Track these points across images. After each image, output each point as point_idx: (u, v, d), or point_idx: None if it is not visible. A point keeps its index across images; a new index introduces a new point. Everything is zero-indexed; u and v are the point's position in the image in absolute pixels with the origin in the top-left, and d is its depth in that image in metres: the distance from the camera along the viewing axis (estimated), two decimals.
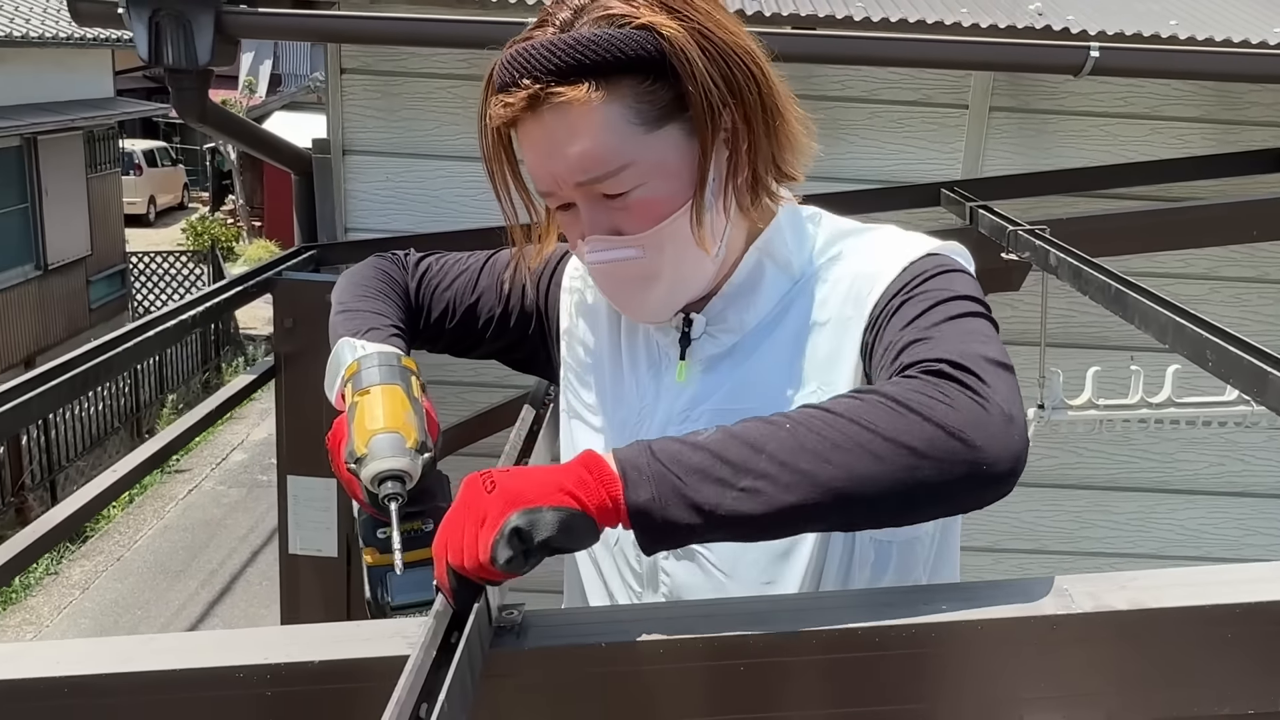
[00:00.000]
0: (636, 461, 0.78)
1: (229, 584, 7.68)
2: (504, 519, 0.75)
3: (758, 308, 1.03)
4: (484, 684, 0.77)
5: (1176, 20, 2.77)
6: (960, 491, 0.78)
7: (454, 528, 0.78)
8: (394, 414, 0.95)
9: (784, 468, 0.76)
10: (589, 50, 0.89)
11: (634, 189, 0.94)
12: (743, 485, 0.76)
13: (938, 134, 2.95)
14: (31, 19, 11.03)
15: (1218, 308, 2.97)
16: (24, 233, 11.42)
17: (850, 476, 0.76)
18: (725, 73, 0.92)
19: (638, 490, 0.76)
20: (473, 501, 0.77)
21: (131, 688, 0.80)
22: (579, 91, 0.89)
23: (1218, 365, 1.43)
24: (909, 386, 0.80)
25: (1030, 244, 2.10)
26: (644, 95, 0.91)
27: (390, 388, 0.98)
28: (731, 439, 0.78)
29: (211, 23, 2.26)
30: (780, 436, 0.77)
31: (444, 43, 2.55)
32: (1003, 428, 0.78)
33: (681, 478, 0.76)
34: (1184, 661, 0.82)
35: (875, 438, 0.76)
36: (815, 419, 0.79)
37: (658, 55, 0.89)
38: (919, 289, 0.93)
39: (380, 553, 0.98)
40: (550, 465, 0.81)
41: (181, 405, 10.77)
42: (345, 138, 2.89)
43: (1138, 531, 3.23)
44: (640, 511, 0.76)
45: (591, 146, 0.91)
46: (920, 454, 0.76)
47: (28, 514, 8.34)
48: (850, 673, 0.82)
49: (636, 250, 0.97)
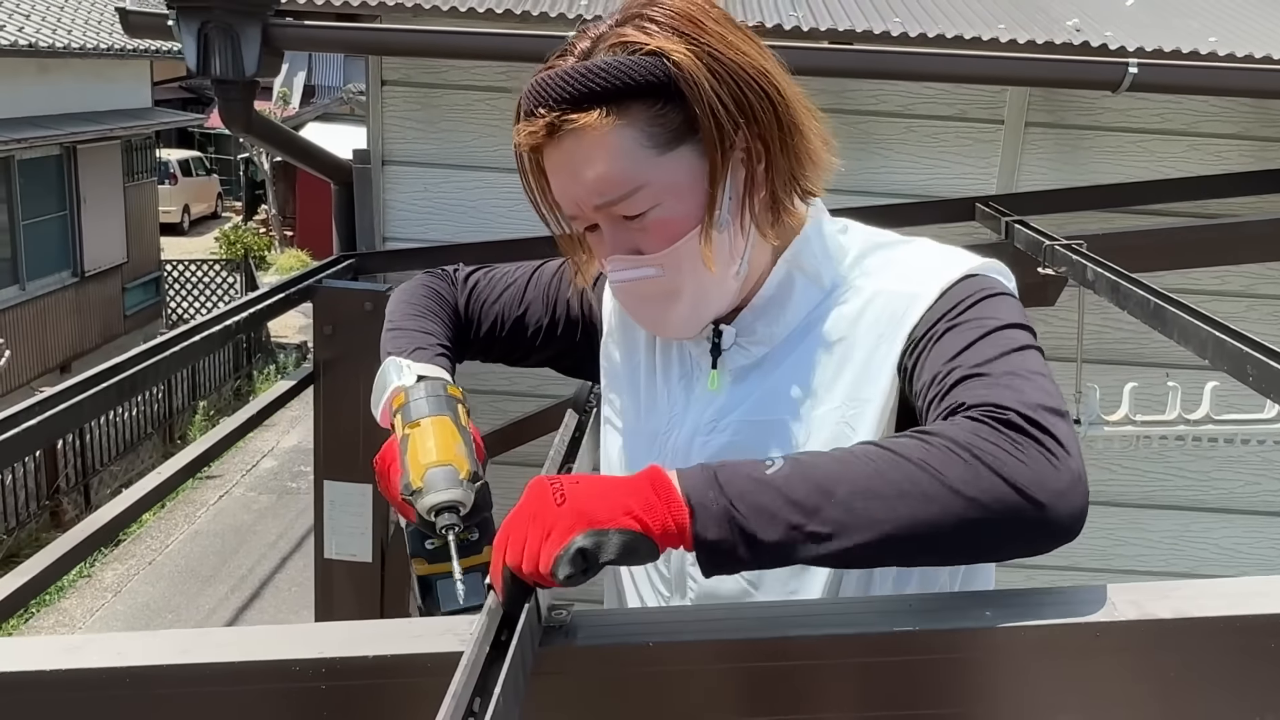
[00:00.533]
0: (704, 496, 0.78)
1: (258, 589, 7.73)
2: (571, 537, 0.76)
3: (787, 319, 1.04)
4: (533, 681, 0.78)
5: (1216, 37, 2.77)
6: (1021, 545, 0.79)
7: (517, 531, 0.79)
8: (445, 446, 0.98)
9: (852, 513, 0.77)
10: (600, 78, 0.92)
11: (650, 210, 0.96)
12: (810, 529, 0.77)
13: (973, 149, 2.95)
14: (74, 30, 11.22)
15: (1255, 325, 2.95)
16: (62, 240, 11.59)
17: (915, 525, 0.77)
18: (736, 93, 0.93)
19: (706, 527, 0.77)
20: (540, 511, 0.78)
21: (189, 679, 0.82)
22: (591, 118, 0.92)
23: (1259, 380, 1.43)
24: (978, 434, 0.79)
25: (1067, 259, 2.10)
26: (655, 119, 0.93)
27: (440, 419, 1.00)
28: (800, 478, 0.78)
29: (259, 35, 2.30)
30: (849, 479, 0.78)
31: (484, 56, 2.59)
32: (1070, 486, 0.78)
33: (750, 519, 0.77)
34: (1224, 671, 0.82)
35: (943, 488, 0.77)
36: (884, 461, 0.79)
37: (667, 80, 0.92)
38: (963, 316, 0.93)
39: (429, 563, 1.01)
40: (617, 480, 0.81)
41: (213, 412, 10.87)
42: (385, 148, 2.94)
43: (1172, 550, 3.21)
44: (708, 547, 0.78)
45: (606, 170, 0.94)
46: (986, 508, 0.77)
47: (62, 517, 8.44)
48: (890, 676, 0.83)
49: (656, 269, 0.99)
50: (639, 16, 0.95)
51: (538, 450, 2.72)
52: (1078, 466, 0.80)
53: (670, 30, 0.93)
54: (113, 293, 12.61)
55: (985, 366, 0.87)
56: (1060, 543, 0.79)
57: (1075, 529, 0.78)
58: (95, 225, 12.00)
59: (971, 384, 0.86)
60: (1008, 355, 0.88)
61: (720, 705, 0.85)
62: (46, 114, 10.85)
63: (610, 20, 0.97)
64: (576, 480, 0.81)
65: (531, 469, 1.21)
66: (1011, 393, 0.83)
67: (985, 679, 0.84)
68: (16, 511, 8.00)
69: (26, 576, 1.77)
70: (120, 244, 12.67)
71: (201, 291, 14.82)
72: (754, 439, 1.03)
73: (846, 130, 2.89)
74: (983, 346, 0.89)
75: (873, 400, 0.98)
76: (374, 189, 2.92)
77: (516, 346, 1.25)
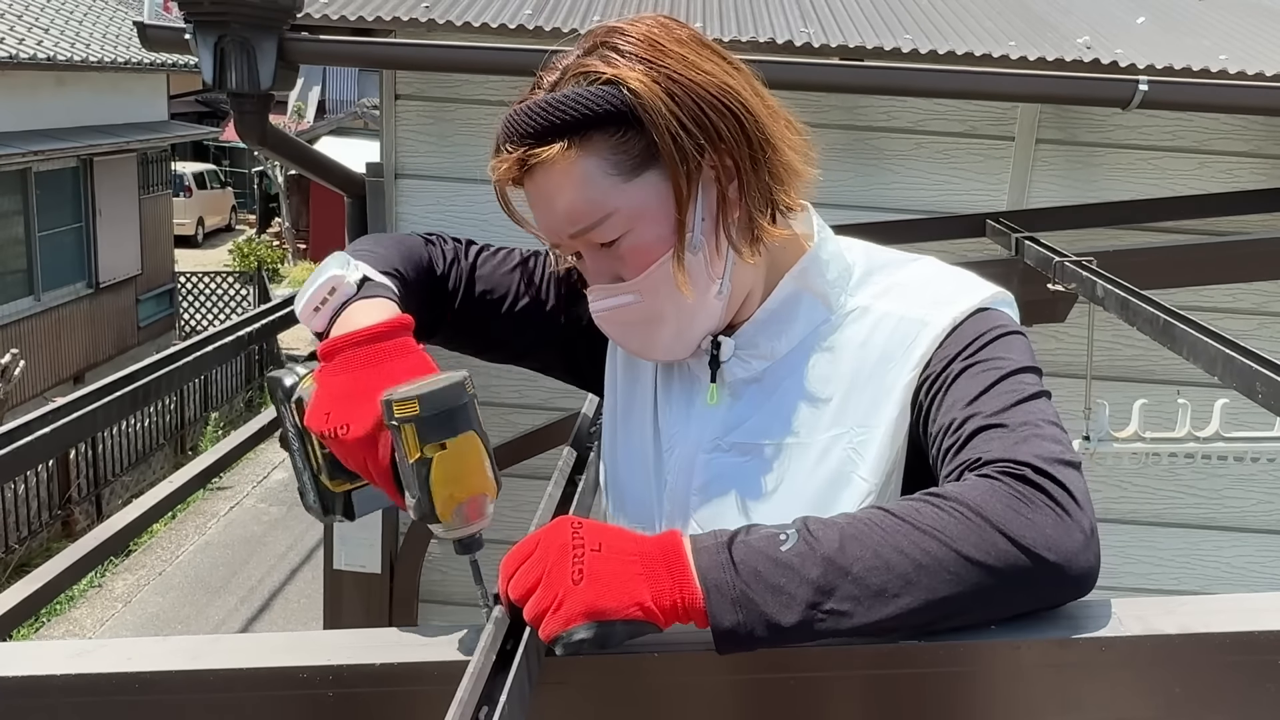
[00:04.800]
0: (719, 581, 0.77)
1: (268, 601, 7.74)
2: (575, 624, 0.76)
3: (790, 336, 1.03)
4: (539, 690, 0.79)
5: (1227, 55, 2.77)
6: (1035, 604, 0.80)
7: (528, 575, 0.79)
8: (477, 472, 0.85)
9: (868, 590, 0.77)
10: (557, 110, 0.93)
11: (622, 236, 0.96)
12: (828, 608, 0.76)
13: (984, 165, 2.95)
14: (91, 44, 11.32)
15: (1267, 343, 2.93)
16: (78, 251, 11.67)
17: (932, 597, 0.77)
18: (697, 115, 0.93)
19: (723, 616, 0.77)
20: (555, 579, 0.77)
21: (197, 685, 0.82)
22: (554, 150, 0.93)
23: (1268, 398, 1.43)
24: (992, 495, 0.79)
25: (1077, 275, 2.10)
26: (618, 146, 0.94)
27: (467, 439, 0.84)
28: (815, 555, 0.78)
29: (274, 49, 2.32)
30: (865, 556, 0.77)
31: (497, 70, 2.60)
32: (1083, 544, 0.79)
33: (765, 602, 0.77)
34: (1231, 687, 0.82)
35: (959, 558, 0.77)
36: (898, 532, 0.78)
37: (625, 107, 0.92)
38: (975, 356, 0.93)
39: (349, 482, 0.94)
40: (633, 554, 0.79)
41: (225, 423, 10.91)
42: (398, 161, 2.96)
43: (1182, 568, 3.19)
44: (724, 634, 0.77)
45: (572, 200, 0.95)
46: (1001, 575, 0.77)
47: (73, 527, 8.48)
48: (895, 689, 0.83)
49: (633, 296, 0.99)
50: (603, 45, 0.95)
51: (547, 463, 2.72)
52: (1089, 524, 0.80)
53: (632, 57, 0.93)
54: (127, 304, 12.68)
55: (1001, 416, 0.87)
56: (1073, 599, 0.80)
57: (1087, 586, 0.79)
58: (110, 237, 12.08)
59: (989, 435, 0.86)
60: (1023, 404, 0.88)
61: (725, 717, 0.86)
62: (63, 127, 10.94)
63: (577, 50, 0.97)
64: (598, 547, 0.79)
65: (540, 481, 1.20)
66: (1027, 447, 0.83)
67: (990, 693, 0.84)
68: (29, 521, 8.04)
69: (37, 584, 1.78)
70: (135, 256, 12.75)
71: (215, 304, 14.90)
72: (758, 462, 1.02)
73: (857, 146, 2.90)
74: (999, 393, 0.89)
75: (879, 427, 0.98)
76: (387, 202, 2.94)
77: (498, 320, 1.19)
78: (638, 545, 0.80)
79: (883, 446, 0.97)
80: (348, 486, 0.95)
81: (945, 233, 2.74)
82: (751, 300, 1.04)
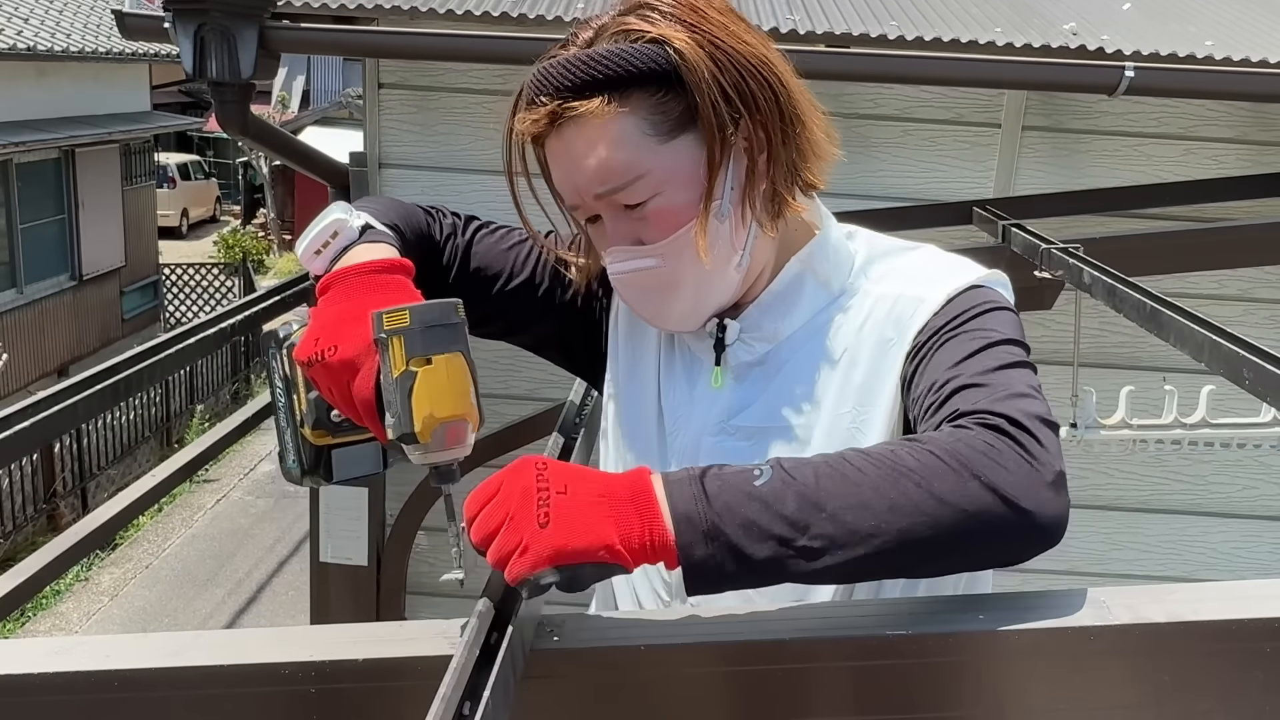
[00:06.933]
0: (690, 512, 0.76)
1: (255, 593, 7.72)
2: (542, 567, 0.74)
3: (793, 319, 1.03)
4: (524, 684, 0.78)
5: (1213, 41, 2.77)
6: (1005, 551, 0.80)
7: (492, 517, 0.76)
8: (461, 395, 0.84)
9: (843, 528, 0.76)
10: (602, 65, 0.92)
11: (650, 199, 0.95)
12: (799, 544, 0.76)
13: (970, 152, 2.95)
14: (72, 34, 11.23)
15: (1252, 329, 2.94)
16: (60, 243, 11.59)
17: (905, 538, 0.76)
18: (737, 81, 0.93)
19: (693, 548, 0.76)
20: (519, 520, 0.75)
21: (179, 682, 0.81)
22: (593, 105, 0.92)
23: (1255, 384, 1.43)
24: (965, 442, 0.79)
25: (1064, 262, 2.10)
26: (657, 107, 0.93)
27: (454, 358, 0.84)
28: (790, 491, 0.77)
29: (255, 38, 2.30)
30: (839, 492, 0.77)
31: (480, 58, 2.59)
32: (1053, 493, 0.79)
33: (738, 535, 0.75)
34: (1220, 675, 0.82)
35: (932, 499, 0.76)
36: (873, 472, 0.78)
37: (669, 68, 0.92)
38: (963, 327, 0.93)
39: (331, 435, 0.93)
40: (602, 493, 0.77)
41: (210, 416, 10.87)
42: (382, 151, 2.94)
43: (1170, 554, 3.21)
44: (694, 567, 0.76)
45: (607, 158, 0.94)
46: (973, 517, 0.77)
47: (59, 520, 8.44)
48: (883, 680, 0.82)
49: (655, 260, 0.98)
50: (643, 6, 0.94)
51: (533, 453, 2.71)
52: (1061, 472, 0.80)
53: (673, 19, 0.93)
54: (110, 296, 12.60)
55: (983, 377, 0.87)
56: (1042, 548, 0.79)
57: (1056, 535, 0.79)
58: (93, 229, 12.00)
59: (968, 393, 0.86)
60: (1006, 369, 0.88)
61: (713, 709, 0.85)
62: (45, 117, 10.85)
63: (614, 10, 0.96)
64: (564, 489, 0.77)
65: None
66: (1007, 403, 0.83)
67: (979, 682, 0.83)
68: (14, 515, 8.00)
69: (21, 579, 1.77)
70: (118, 248, 12.67)
71: (200, 295, 14.83)
72: (764, 444, 1.02)
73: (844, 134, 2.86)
74: (983, 358, 0.89)
75: (880, 405, 0.98)
76: (371, 192, 2.92)
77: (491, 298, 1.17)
78: (605, 485, 0.78)
79: (883, 425, 0.98)
80: (329, 440, 0.94)
81: (932, 220, 2.74)
82: (760, 281, 1.04)
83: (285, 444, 0.96)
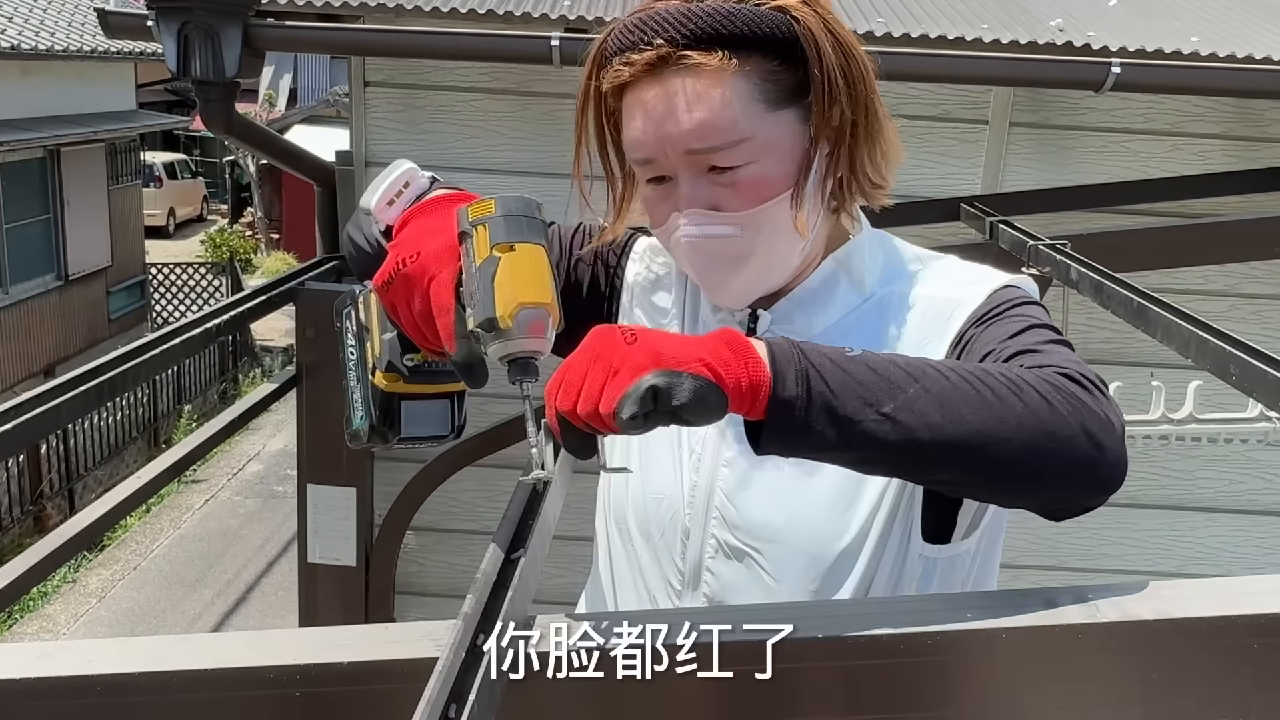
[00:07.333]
0: (784, 353, 0.75)
1: (244, 594, 7.70)
2: (641, 374, 0.72)
3: (825, 316, 1.03)
4: (510, 687, 0.77)
5: (1198, 37, 2.78)
6: (1079, 485, 0.82)
7: (576, 372, 0.75)
8: (544, 284, 0.83)
9: (931, 405, 0.76)
10: (727, 21, 0.91)
11: (745, 165, 0.94)
12: (885, 410, 0.75)
13: (958, 149, 2.95)
14: (56, 32, 11.16)
15: (1239, 324, 2.96)
16: (46, 243, 11.53)
17: (984, 434, 0.77)
18: (844, 66, 0.93)
19: (785, 384, 0.74)
20: (606, 351, 0.74)
21: (162, 687, 0.80)
22: (712, 59, 0.91)
23: (1241, 379, 1.43)
24: (1051, 380, 0.81)
25: (1051, 259, 2.11)
26: (770, 75, 0.92)
27: (538, 249, 0.83)
28: (885, 361, 0.77)
29: (239, 36, 2.29)
30: (932, 375, 0.77)
31: (466, 56, 2.58)
32: (1120, 443, 0.82)
33: (829, 383, 0.75)
34: (1208, 671, 0.82)
35: (1022, 408, 0.78)
36: (967, 371, 0.79)
37: (788, 38, 0.91)
38: (1009, 311, 0.95)
39: (405, 382, 0.92)
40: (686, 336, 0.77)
41: (198, 416, 10.82)
42: (368, 149, 2.92)
43: (1158, 549, 3.22)
44: (782, 406, 0.74)
45: (714, 114, 0.92)
46: (1054, 437, 0.78)
47: (45, 522, 8.39)
48: (872, 680, 0.82)
49: (734, 229, 0.96)
50: None
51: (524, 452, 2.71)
52: (1124, 430, 0.83)
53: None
54: (97, 296, 12.54)
55: (1041, 346, 0.90)
56: (1107, 493, 0.82)
57: (1118, 483, 0.82)
58: (79, 229, 11.93)
59: (1029, 356, 0.88)
60: (1056, 344, 0.91)
61: (701, 710, 0.85)
62: (29, 117, 10.78)
63: None
64: (645, 329, 0.77)
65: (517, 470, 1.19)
66: (1071, 366, 0.85)
67: (967, 681, 0.83)
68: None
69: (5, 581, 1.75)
70: (105, 247, 12.61)
71: (187, 295, 14.76)
72: None
73: None
74: (1032, 334, 0.92)
75: None
76: (357, 191, 2.90)
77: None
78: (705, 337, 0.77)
79: None
80: (400, 386, 0.92)
81: (920, 217, 2.74)
82: (799, 274, 1.04)
83: (354, 403, 0.95)
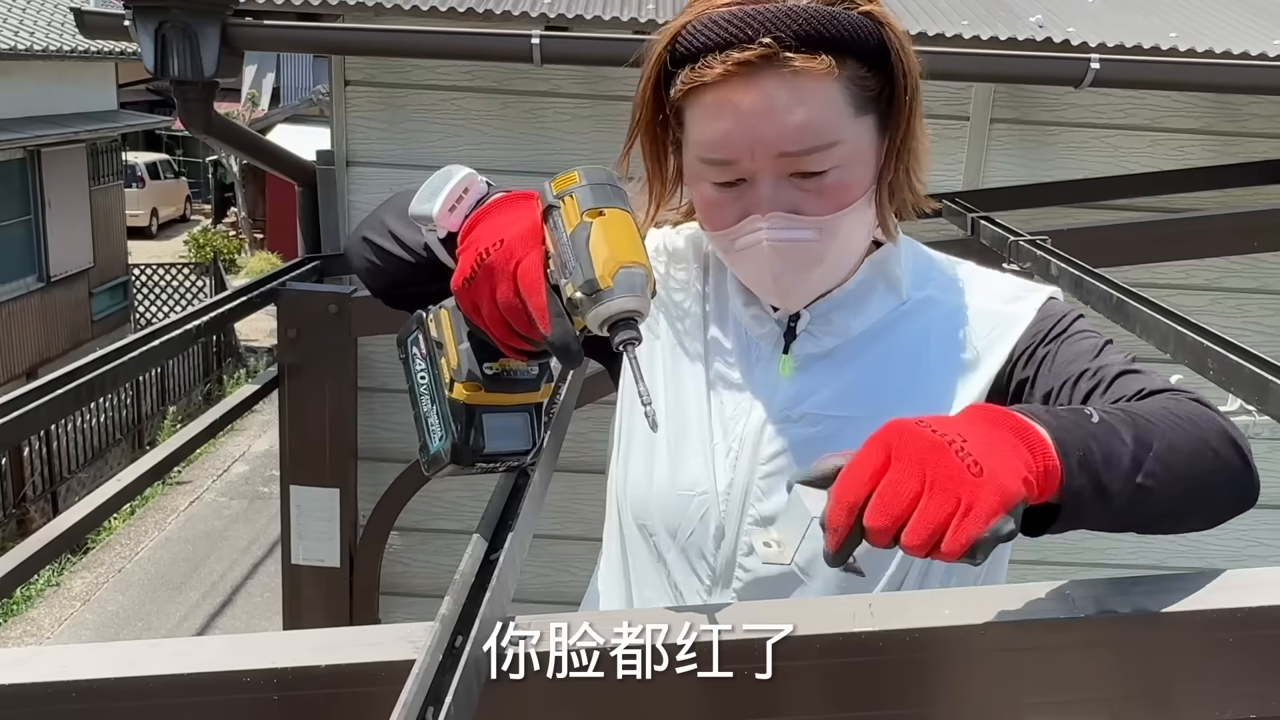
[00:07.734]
0: (1064, 440, 0.73)
1: (230, 596, 7.67)
2: (997, 518, 0.68)
3: (862, 319, 1.04)
4: (489, 688, 0.77)
5: (1177, 33, 2.79)
6: (1234, 505, 0.85)
7: (900, 491, 0.70)
8: (638, 245, 0.82)
9: (1166, 469, 0.78)
10: (830, 24, 0.90)
11: (832, 169, 0.94)
12: (1138, 482, 0.76)
13: (939, 145, 2.96)
14: (36, 32, 11.09)
15: (1219, 319, 2.97)
16: (27, 244, 11.46)
17: (1201, 483, 0.81)
18: (915, 78, 0.95)
19: (1072, 476, 0.73)
20: (946, 478, 0.69)
21: (138, 692, 0.80)
22: (818, 62, 0.90)
23: (1219, 374, 1.44)
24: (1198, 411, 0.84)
25: (1031, 254, 2.11)
26: (859, 80, 0.93)
27: (625, 214, 0.83)
28: (1123, 425, 0.78)
29: (217, 35, 2.27)
30: (1157, 434, 0.79)
31: (446, 55, 2.57)
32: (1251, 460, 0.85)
33: (1098, 466, 0.74)
34: (1185, 665, 0.82)
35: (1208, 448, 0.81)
36: (1164, 420, 0.81)
37: (877, 44, 0.92)
38: (1069, 330, 0.99)
39: (486, 391, 0.88)
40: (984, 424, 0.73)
41: (182, 417, 10.77)
42: (349, 149, 2.91)
43: (1140, 542, 3.23)
44: (1072, 495, 0.73)
45: (813, 118, 0.91)
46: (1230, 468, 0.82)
47: (29, 525, 8.33)
48: (850, 677, 0.82)
49: (813, 233, 0.96)
50: None
51: None
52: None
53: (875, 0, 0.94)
54: (79, 298, 12.47)
55: (1131, 365, 0.92)
56: (1247, 507, 0.86)
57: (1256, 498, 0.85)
58: (61, 229, 11.86)
59: (1135, 378, 0.91)
60: (1128, 359, 0.94)
61: (682, 710, 0.84)
62: (9, 117, 10.71)
63: None
64: (965, 437, 0.70)
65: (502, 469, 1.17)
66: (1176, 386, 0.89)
67: (947, 678, 0.83)
68: None
69: None
70: (87, 248, 12.53)
71: (170, 296, 14.69)
72: (826, 434, 1.01)
73: None
74: (1109, 352, 0.95)
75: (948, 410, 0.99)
76: (338, 190, 2.89)
77: None
78: (987, 420, 0.73)
79: None
80: (481, 395, 0.88)
81: None
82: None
83: (430, 427, 0.90)
